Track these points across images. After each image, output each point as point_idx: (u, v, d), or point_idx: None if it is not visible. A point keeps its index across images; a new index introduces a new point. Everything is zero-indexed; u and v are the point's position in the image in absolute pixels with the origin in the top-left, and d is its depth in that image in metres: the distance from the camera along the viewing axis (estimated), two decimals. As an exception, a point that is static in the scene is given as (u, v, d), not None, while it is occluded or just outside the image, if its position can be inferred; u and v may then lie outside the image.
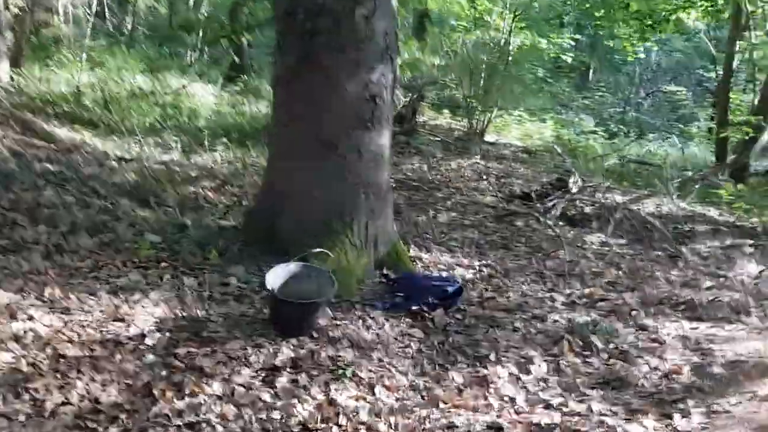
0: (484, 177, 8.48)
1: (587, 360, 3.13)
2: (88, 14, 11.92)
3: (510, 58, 11.24)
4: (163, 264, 3.65)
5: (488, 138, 11.70)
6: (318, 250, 3.37)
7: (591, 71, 24.16)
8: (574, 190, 7.54)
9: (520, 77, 13.49)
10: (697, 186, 8.28)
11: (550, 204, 6.87)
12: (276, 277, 3.24)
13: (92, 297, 3.18)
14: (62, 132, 6.65)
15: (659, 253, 5.64)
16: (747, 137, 9.90)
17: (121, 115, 8.55)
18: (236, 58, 12.36)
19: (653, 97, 23.63)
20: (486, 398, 2.74)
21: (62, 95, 8.70)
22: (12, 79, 8.17)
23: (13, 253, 3.46)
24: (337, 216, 3.84)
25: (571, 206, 6.99)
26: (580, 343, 3.28)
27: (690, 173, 9.49)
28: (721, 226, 7.05)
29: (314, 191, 3.84)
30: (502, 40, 10.90)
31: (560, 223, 6.24)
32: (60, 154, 5.45)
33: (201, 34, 11.54)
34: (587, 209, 7.10)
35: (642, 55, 11.67)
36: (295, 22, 3.70)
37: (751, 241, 6.30)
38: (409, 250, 4.47)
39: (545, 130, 14.10)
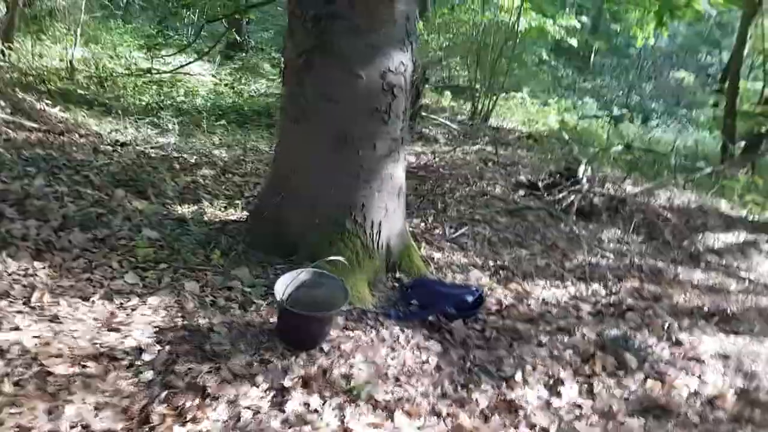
0: (491, 165, 8.21)
1: (622, 381, 2.90)
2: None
3: (518, 41, 10.91)
4: (162, 264, 3.38)
5: (493, 122, 11.43)
6: (333, 257, 3.10)
7: (593, 54, 23.79)
8: (584, 180, 7.31)
9: (526, 60, 13.19)
10: (713, 179, 8.08)
11: (560, 195, 6.64)
12: (285, 285, 2.98)
13: (85, 302, 2.92)
14: (54, 111, 6.34)
15: (677, 251, 5.42)
16: (760, 129, 9.66)
17: (116, 93, 8.24)
18: (237, 37, 11.96)
19: (656, 81, 23.32)
20: (516, 427, 2.51)
21: (55, 71, 8.36)
22: (3, 53, 7.81)
23: (0, 251, 3.19)
24: (348, 214, 3.58)
25: (581, 198, 6.75)
26: (613, 361, 3.04)
27: (703, 164, 9.23)
28: (734, 220, 6.84)
29: (325, 188, 3.57)
30: (510, 22, 10.54)
31: (573, 217, 6.01)
32: (52, 137, 5.15)
33: (200, 11, 11.11)
34: (596, 200, 6.84)
35: (652, 41, 11.35)
36: (308, 5, 3.40)
37: (768, 237, 6.12)
38: (419, 249, 4.22)
39: (549, 114, 13.86)
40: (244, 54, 13.24)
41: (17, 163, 4.22)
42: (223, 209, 4.35)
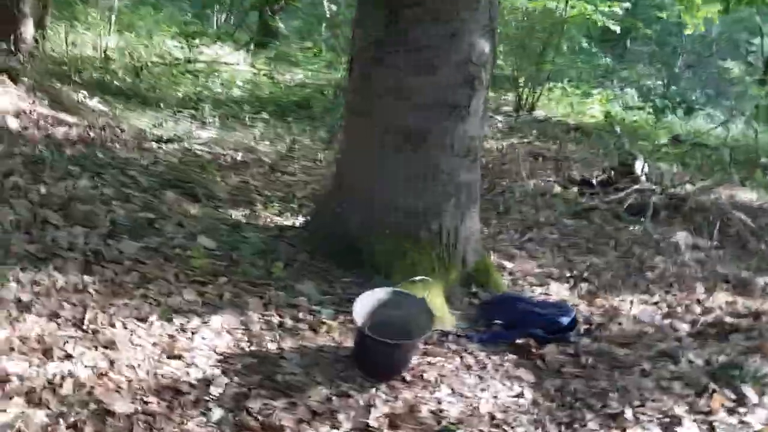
0: (541, 160, 7.82)
1: (743, 420, 2.54)
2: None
3: (564, 28, 10.48)
4: (222, 278, 3.08)
5: (537, 114, 11.00)
6: (419, 278, 2.77)
7: (629, 41, 23.02)
8: (643, 177, 6.91)
9: (565, 49, 12.74)
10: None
11: (621, 194, 6.25)
12: (364, 307, 2.66)
13: (141, 323, 2.63)
14: (93, 104, 6.09)
15: (758, 257, 5.00)
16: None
17: (152, 84, 7.98)
18: (280, 25, 11.59)
19: (697, 70, 22.53)
20: (639, 480, 2.17)
21: (89, 60, 8.13)
22: (36, 42, 7.59)
23: (45, 262, 2.91)
24: (422, 221, 3.26)
25: (640, 196, 6.33)
26: (729, 394, 2.68)
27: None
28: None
29: (395, 192, 3.25)
30: (557, 9, 10.07)
31: (649, 220, 5.61)
32: (93, 132, 4.88)
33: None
34: (654, 198, 6.39)
35: (702, 29, 10.79)
36: (382, -11, 3.07)
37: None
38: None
39: (593, 105, 13.38)
40: (277, 43, 12.93)
41: (59, 162, 3.96)
42: (277, 213, 4.04)
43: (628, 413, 2.53)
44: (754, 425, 2.53)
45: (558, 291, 3.67)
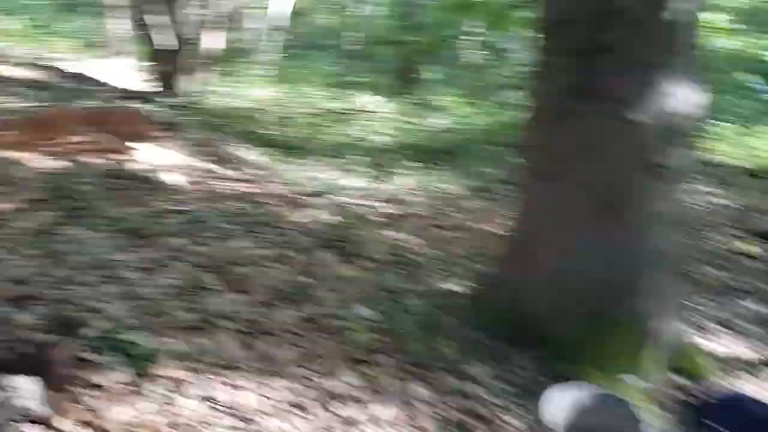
0: (718, 209, 6.94)
1: None
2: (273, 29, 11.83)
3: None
4: (381, 355, 2.75)
5: (705, 156, 9.98)
6: (628, 378, 2.29)
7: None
8: None
9: (737, 86, 11.66)
10: None
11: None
12: (557, 408, 2.21)
13: (297, 411, 2.35)
14: (247, 156, 6.14)
15: None
16: None
17: (300, 134, 8.07)
18: (433, 75, 11.52)
19: None
20: None
21: (247, 112, 8.40)
22: (197, 95, 7.96)
23: (201, 334, 2.74)
24: (616, 299, 2.76)
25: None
26: None
27: None
28: None
29: (583, 263, 2.79)
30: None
31: None
32: (249, 186, 4.84)
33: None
34: None
35: None
36: (571, 34, 2.67)
37: None
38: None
39: (761, 144, 12.01)
40: (416, 88, 12.88)
41: (217, 220, 3.88)
42: (440, 278, 3.69)
43: None
44: None
45: (783, 384, 2.99)
